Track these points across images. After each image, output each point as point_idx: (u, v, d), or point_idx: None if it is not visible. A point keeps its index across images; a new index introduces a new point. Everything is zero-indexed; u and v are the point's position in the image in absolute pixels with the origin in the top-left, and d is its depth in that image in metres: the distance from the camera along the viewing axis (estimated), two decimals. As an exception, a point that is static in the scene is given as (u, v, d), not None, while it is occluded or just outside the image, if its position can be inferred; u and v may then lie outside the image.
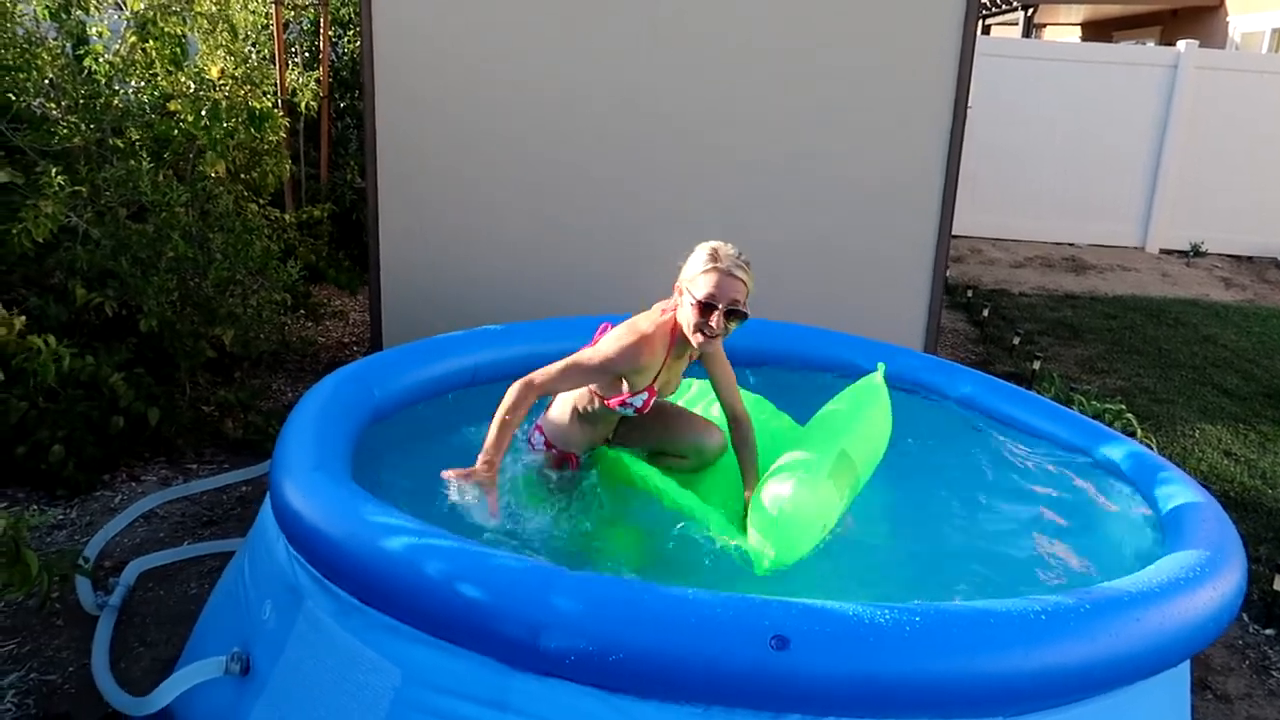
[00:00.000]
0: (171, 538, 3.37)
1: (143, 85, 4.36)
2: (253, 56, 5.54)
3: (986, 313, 7.29)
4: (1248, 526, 4.04)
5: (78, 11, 4.11)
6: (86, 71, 4.10)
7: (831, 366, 3.57)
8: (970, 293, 8.01)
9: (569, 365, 2.47)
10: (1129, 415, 4.86)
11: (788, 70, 4.74)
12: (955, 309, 7.58)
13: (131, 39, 4.29)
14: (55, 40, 4.12)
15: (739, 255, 2.53)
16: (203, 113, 4.20)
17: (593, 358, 2.49)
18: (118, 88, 4.29)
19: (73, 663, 2.65)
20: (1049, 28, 18.54)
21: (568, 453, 2.80)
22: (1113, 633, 1.82)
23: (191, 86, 4.33)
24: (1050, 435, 3.19)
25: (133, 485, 3.73)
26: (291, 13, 6.51)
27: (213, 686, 2.11)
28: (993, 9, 15.50)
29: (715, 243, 2.55)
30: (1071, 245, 10.51)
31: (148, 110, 4.32)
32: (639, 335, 2.52)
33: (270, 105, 4.94)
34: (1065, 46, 12.68)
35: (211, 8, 4.70)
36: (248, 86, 4.61)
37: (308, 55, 6.86)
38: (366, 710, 1.87)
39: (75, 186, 3.76)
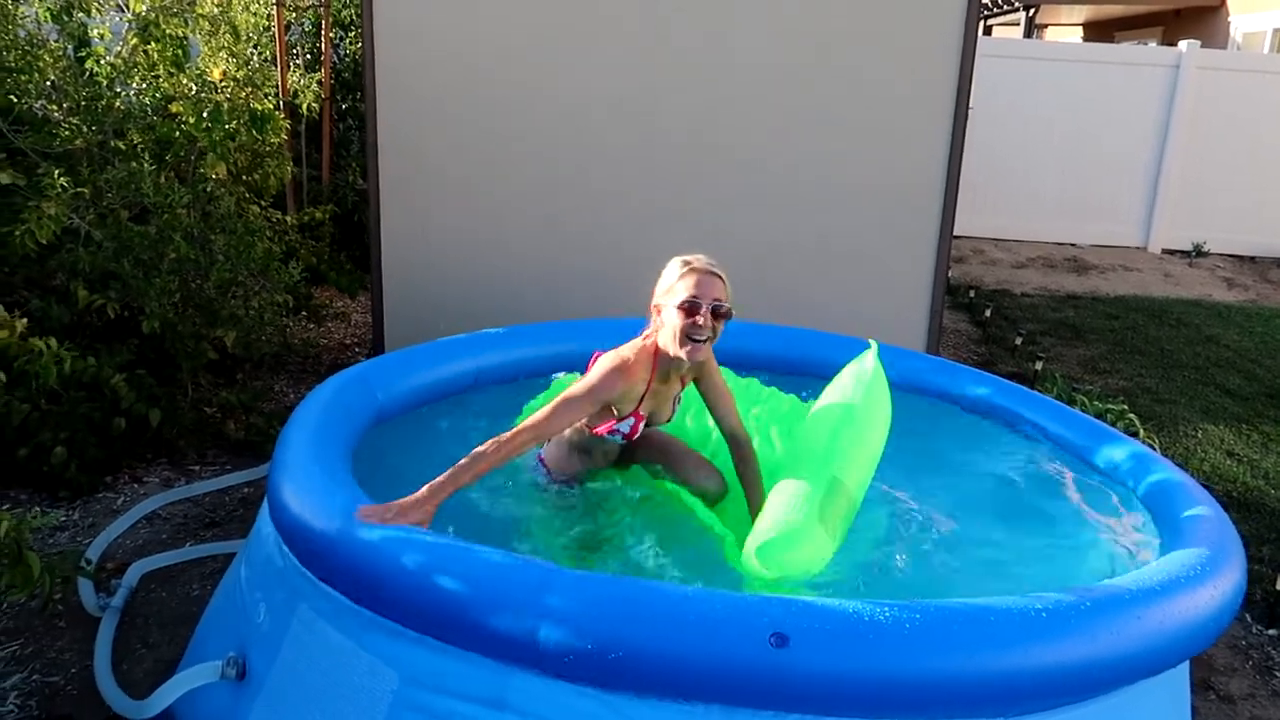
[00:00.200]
0: (174, 539, 3.37)
1: (144, 87, 4.36)
2: (254, 58, 5.54)
3: (988, 313, 7.28)
4: (1250, 527, 4.04)
5: (79, 14, 4.11)
6: (88, 73, 4.11)
7: (833, 369, 3.56)
8: (972, 293, 8.00)
9: (559, 404, 2.39)
10: (1131, 415, 4.86)
11: (789, 71, 4.74)
12: (957, 309, 7.58)
13: (133, 41, 4.29)
14: (57, 42, 4.13)
15: (709, 259, 2.51)
16: (204, 114, 4.20)
17: (580, 390, 2.44)
18: (119, 90, 4.29)
19: (75, 664, 2.65)
20: (1050, 28, 18.53)
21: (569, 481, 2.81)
22: (1113, 631, 1.82)
23: (193, 88, 4.33)
24: (1052, 434, 3.19)
25: (135, 487, 3.73)
26: (293, 15, 6.51)
27: (211, 690, 2.11)
28: (994, 10, 15.49)
29: (684, 255, 2.54)
30: (1073, 245, 10.50)
31: (149, 112, 4.32)
32: (620, 360, 2.49)
33: (272, 107, 4.94)
34: (1067, 47, 12.68)
35: (213, 9, 4.71)
36: (249, 88, 4.61)
37: (309, 57, 6.87)
38: (364, 712, 1.86)
39: (77, 188, 3.76)
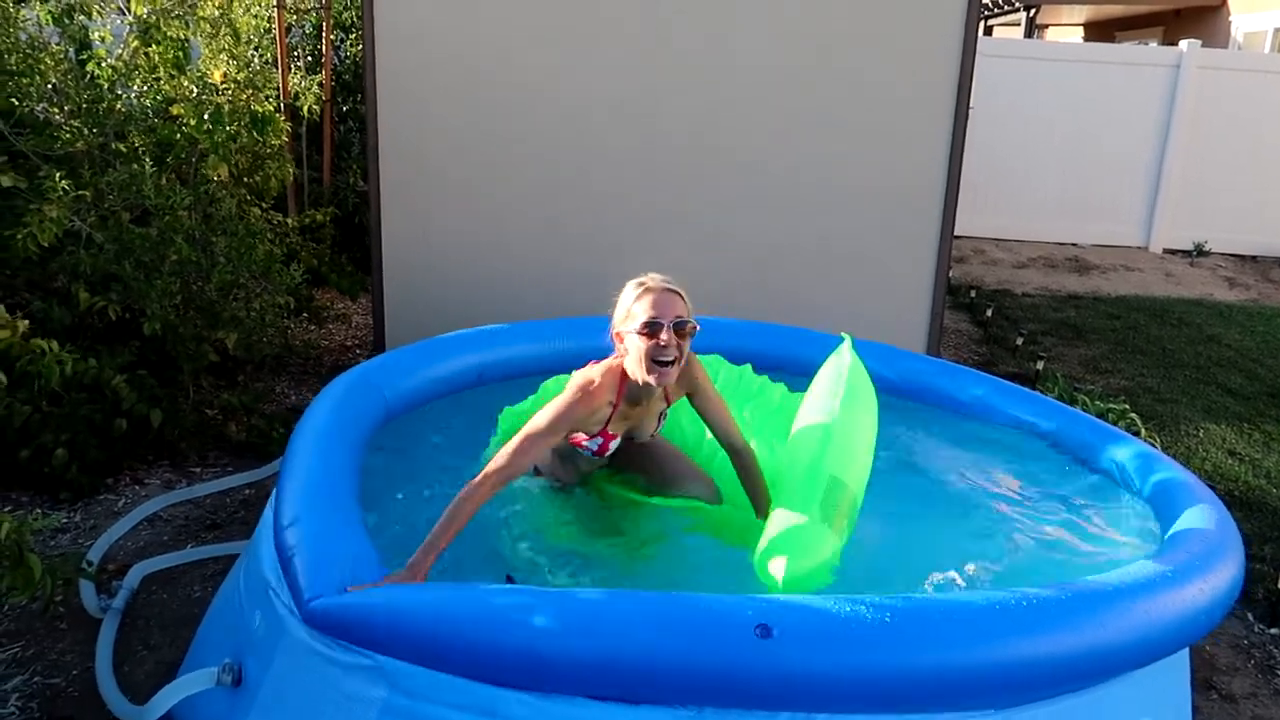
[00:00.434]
0: (175, 541, 3.37)
1: (145, 90, 4.37)
2: (255, 60, 5.54)
3: (989, 313, 7.28)
4: (1252, 526, 4.03)
5: (80, 17, 4.12)
6: (89, 76, 4.11)
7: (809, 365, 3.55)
8: (973, 293, 8.00)
9: (523, 441, 2.34)
10: (1133, 415, 4.86)
11: (789, 72, 4.74)
12: (958, 309, 7.57)
13: (134, 44, 4.30)
14: (58, 45, 4.13)
15: (664, 276, 2.46)
16: (205, 116, 4.21)
17: (542, 424, 2.38)
18: (120, 92, 4.30)
19: (76, 666, 2.65)
20: (1051, 28, 18.53)
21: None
22: (1098, 624, 1.82)
23: (194, 90, 4.34)
24: (1053, 433, 3.19)
25: (136, 488, 3.73)
26: (294, 17, 6.52)
27: (209, 695, 2.10)
28: (994, 10, 15.49)
29: (638, 277, 2.48)
30: (1074, 245, 10.49)
31: (150, 114, 4.33)
32: (581, 388, 2.44)
33: (273, 109, 4.95)
34: (1068, 47, 12.67)
35: (214, 12, 4.71)
36: (250, 90, 4.61)
37: (310, 59, 6.88)
38: (354, 720, 1.86)
39: (78, 191, 3.77)
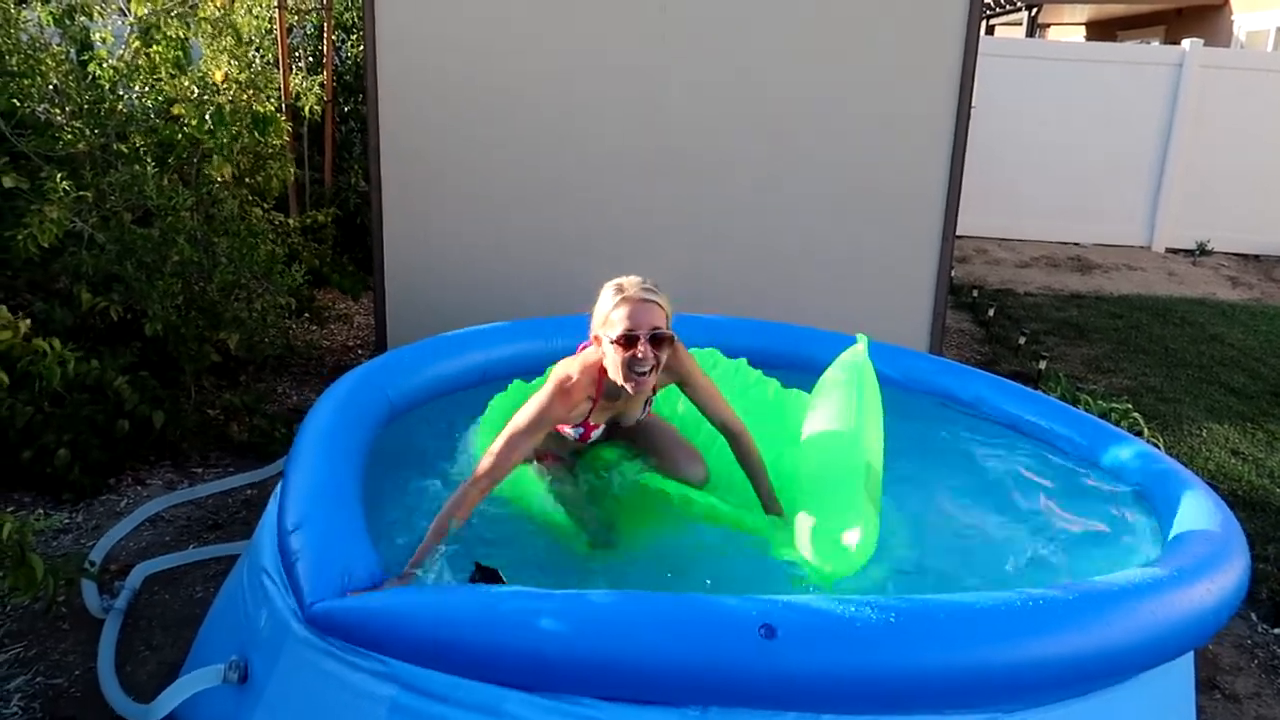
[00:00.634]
0: (177, 541, 3.37)
1: (147, 90, 4.37)
2: (256, 61, 5.55)
3: (992, 312, 7.27)
4: (1256, 525, 4.02)
5: (81, 18, 4.12)
6: (90, 77, 4.12)
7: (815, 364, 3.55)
8: (975, 293, 7.99)
9: (506, 441, 2.33)
10: (1135, 414, 4.85)
11: (790, 72, 4.74)
12: (960, 309, 7.57)
13: (135, 44, 4.30)
14: (59, 46, 4.14)
15: (645, 281, 2.42)
16: (207, 117, 4.21)
17: (522, 423, 2.37)
18: (122, 93, 4.30)
19: (79, 666, 2.65)
20: (1053, 28, 18.52)
21: (555, 455, 2.77)
22: (1103, 626, 1.81)
23: (195, 91, 4.34)
24: (1055, 434, 3.18)
25: (138, 489, 3.73)
26: (295, 17, 6.53)
27: (214, 694, 2.10)
28: (996, 9, 15.48)
29: (618, 279, 2.45)
30: (1077, 245, 10.48)
31: (152, 115, 4.33)
32: (558, 385, 2.43)
33: (274, 109, 4.95)
34: (1069, 46, 12.66)
35: (215, 12, 4.71)
36: (251, 91, 4.61)
37: (311, 60, 6.88)
38: (362, 719, 1.86)
39: (80, 191, 3.77)
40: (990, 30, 16.96)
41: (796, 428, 2.83)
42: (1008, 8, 15.17)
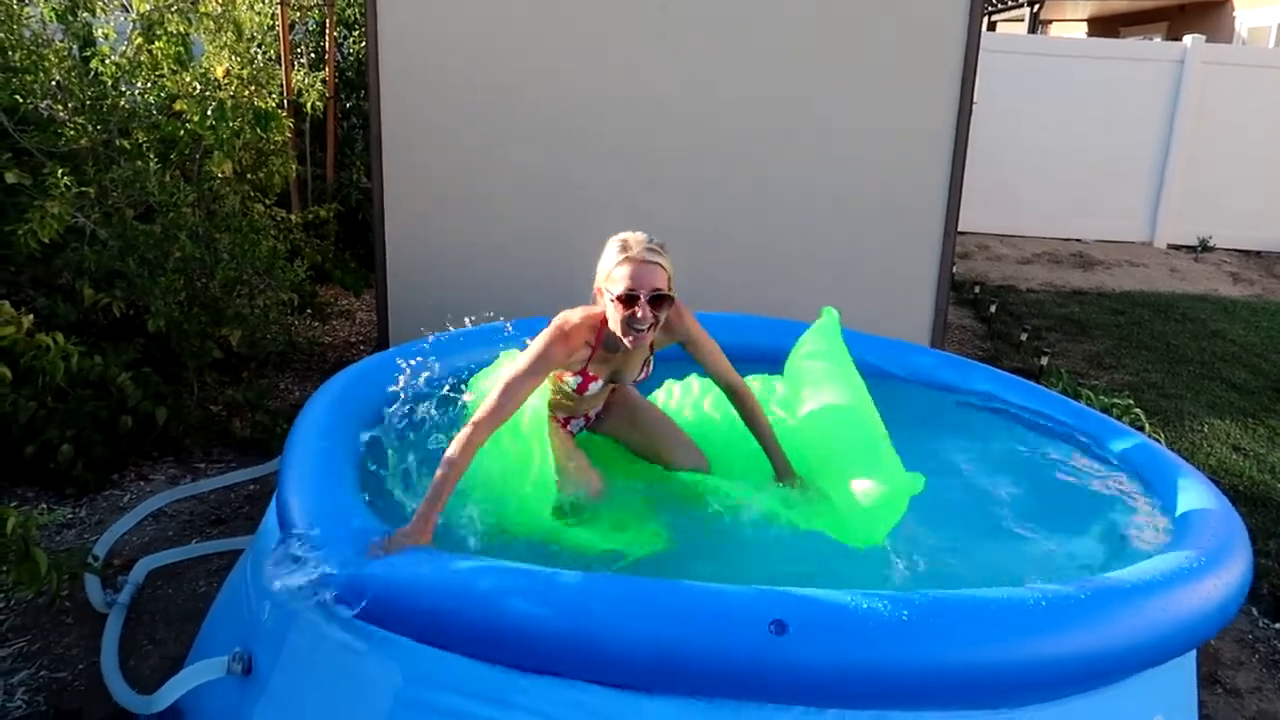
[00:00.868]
0: (180, 536, 3.38)
1: (149, 86, 4.37)
2: (258, 57, 5.55)
3: (994, 309, 7.27)
4: (1257, 521, 4.03)
5: (84, 13, 4.12)
6: (93, 73, 4.12)
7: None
8: (977, 289, 7.99)
9: (506, 386, 2.34)
10: (1137, 410, 4.85)
11: (792, 70, 4.73)
12: (962, 305, 7.57)
13: (137, 40, 4.30)
14: (62, 42, 4.14)
15: (651, 240, 2.43)
16: (209, 113, 4.21)
17: (522, 367, 2.39)
18: (124, 89, 4.30)
19: (82, 660, 2.66)
20: (1055, 24, 18.49)
21: (563, 417, 2.77)
22: (1115, 622, 1.81)
23: (197, 87, 4.34)
24: (1057, 428, 3.18)
25: (141, 484, 3.74)
26: (297, 13, 6.53)
27: (217, 686, 2.11)
28: (998, 5, 15.46)
29: (624, 234, 2.47)
30: (1079, 241, 10.48)
31: (154, 111, 4.33)
32: (557, 328, 2.46)
33: (276, 105, 4.95)
34: (1071, 42, 12.65)
35: (217, 8, 4.71)
36: (253, 87, 4.61)
37: (313, 56, 6.88)
38: (367, 709, 1.86)
39: (82, 187, 3.77)
40: (992, 27, 16.95)
41: (790, 403, 2.88)
42: (1010, 4, 15.16)
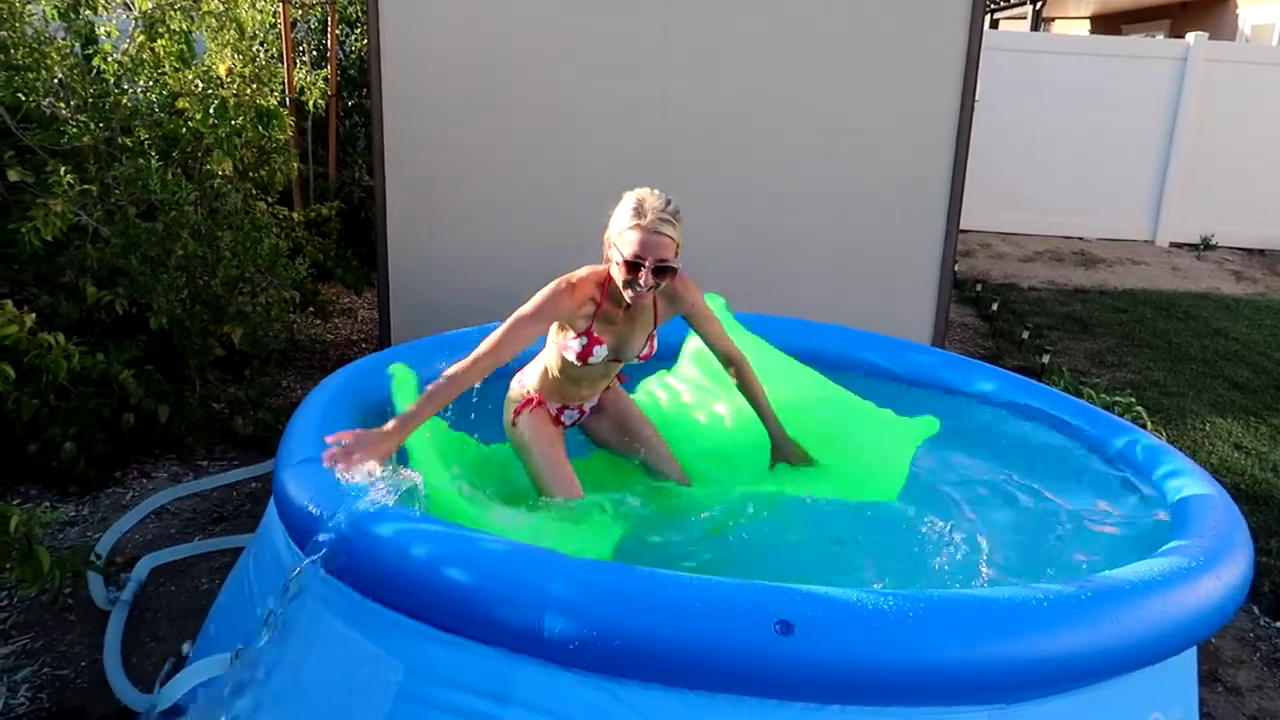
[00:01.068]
0: (182, 534, 3.39)
1: (151, 84, 4.37)
2: (260, 55, 5.55)
3: (995, 307, 7.27)
4: (1259, 519, 4.03)
5: (86, 11, 4.13)
6: (95, 71, 4.12)
7: (843, 364, 3.55)
8: (979, 287, 7.99)
9: (508, 326, 2.42)
10: (1139, 408, 4.85)
11: (794, 67, 4.73)
12: (964, 303, 7.57)
13: (140, 38, 4.31)
14: (64, 40, 4.14)
15: (666, 206, 2.41)
16: (211, 111, 4.22)
17: (526, 310, 2.46)
18: (126, 87, 4.31)
19: (85, 658, 2.67)
20: (1057, 21, 18.47)
21: (557, 406, 2.77)
22: (1115, 619, 1.81)
23: (199, 85, 4.35)
24: (1058, 425, 3.17)
25: (144, 482, 3.75)
26: (299, 11, 6.53)
27: (220, 683, 2.11)
28: (1001, 3, 15.44)
29: (642, 192, 2.44)
30: (1081, 239, 10.47)
31: (156, 109, 4.33)
32: (565, 281, 2.51)
33: (278, 103, 4.96)
34: (1074, 40, 12.63)
35: (219, 6, 4.72)
36: (255, 85, 4.61)
37: (315, 54, 6.88)
38: (370, 705, 1.86)
39: (85, 185, 3.78)
40: (994, 24, 16.93)
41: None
42: (1012, 2, 15.14)
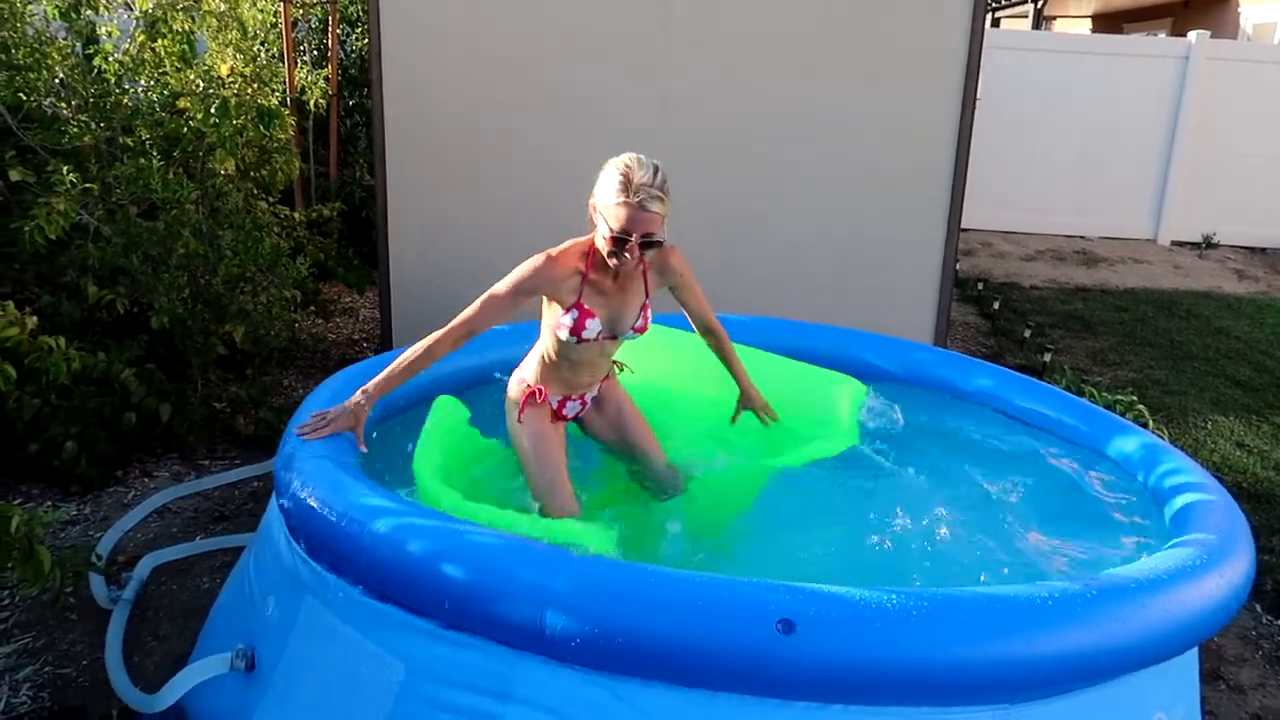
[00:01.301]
0: (184, 533, 3.39)
1: (152, 84, 4.38)
2: (261, 54, 5.55)
3: (997, 306, 7.27)
4: (1261, 518, 4.02)
5: (87, 11, 4.13)
6: (96, 71, 4.12)
7: (843, 364, 3.54)
8: (981, 286, 7.98)
9: (489, 296, 2.47)
10: (1140, 407, 4.84)
11: (797, 66, 4.73)
12: (966, 302, 7.56)
13: (140, 38, 4.31)
14: (65, 40, 4.14)
15: (654, 180, 2.37)
16: (212, 110, 4.22)
17: (503, 283, 2.48)
18: (127, 86, 4.31)
19: (86, 657, 2.67)
20: (1059, 20, 18.45)
21: (559, 398, 2.74)
22: (1120, 619, 1.81)
23: (201, 84, 4.35)
24: (1060, 424, 3.17)
25: (145, 481, 3.75)
26: (300, 11, 6.53)
27: (220, 682, 2.12)
28: (1002, 1, 15.43)
29: (629, 159, 2.39)
30: (1082, 238, 10.46)
31: (157, 109, 4.33)
32: (545, 254, 2.52)
33: (279, 103, 4.95)
34: (1075, 38, 12.61)
35: (220, 6, 4.72)
36: (256, 84, 4.61)
37: (316, 53, 6.88)
38: (371, 704, 1.87)
39: (86, 184, 3.78)
40: (996, 23, 16.91)
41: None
42: (1013, 0, 15.13)
